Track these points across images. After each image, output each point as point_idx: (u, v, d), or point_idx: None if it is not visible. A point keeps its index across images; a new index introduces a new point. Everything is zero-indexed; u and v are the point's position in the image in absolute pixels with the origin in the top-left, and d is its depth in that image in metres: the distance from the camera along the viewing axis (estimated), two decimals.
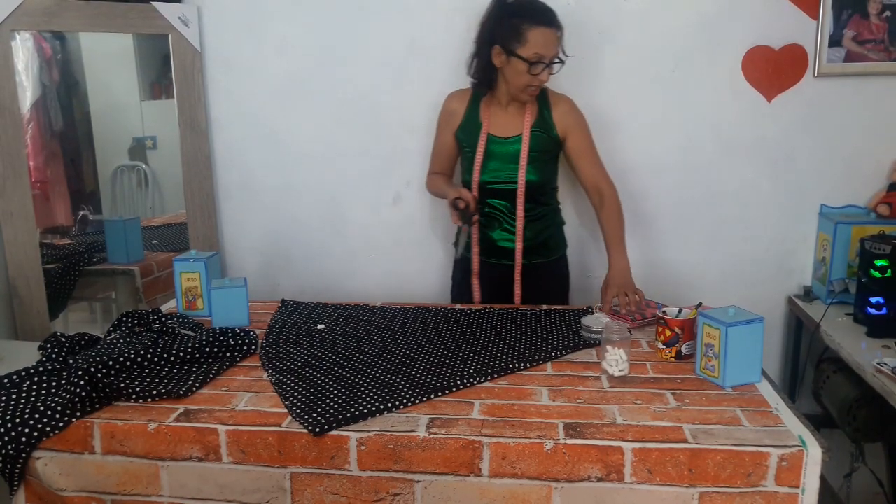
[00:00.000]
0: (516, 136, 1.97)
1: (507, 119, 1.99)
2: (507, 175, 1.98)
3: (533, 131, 1.97)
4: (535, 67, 1.85)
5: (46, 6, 2.12)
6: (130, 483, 1.37)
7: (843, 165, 2.22)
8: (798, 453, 1.23)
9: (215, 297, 1.83)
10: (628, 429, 1.30)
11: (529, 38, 1.84)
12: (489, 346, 1.70)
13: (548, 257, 2.07)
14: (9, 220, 2.15)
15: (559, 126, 1.99)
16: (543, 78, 1.88)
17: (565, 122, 1.99)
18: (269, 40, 2.30)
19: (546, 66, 1.86)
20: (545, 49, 1.85)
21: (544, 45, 1.84)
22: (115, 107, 2.51)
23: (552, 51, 1.86)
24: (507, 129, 1.99)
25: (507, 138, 1.98)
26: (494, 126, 2.00)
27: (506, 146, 1.98)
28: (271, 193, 2.42)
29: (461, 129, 2.04)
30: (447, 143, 2.09)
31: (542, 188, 2.02)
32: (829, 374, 2.00)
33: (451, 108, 2.07)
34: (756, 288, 2.31)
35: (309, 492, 1.33)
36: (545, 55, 1.85)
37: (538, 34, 1.84)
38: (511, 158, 1.97)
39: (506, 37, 1.86)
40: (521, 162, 1.96)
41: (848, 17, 2.11)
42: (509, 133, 1.99)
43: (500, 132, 1.99)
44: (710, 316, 1.49)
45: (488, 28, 1.91)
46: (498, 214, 2.03)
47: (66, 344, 1.66)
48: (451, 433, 1.30)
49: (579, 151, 2.01)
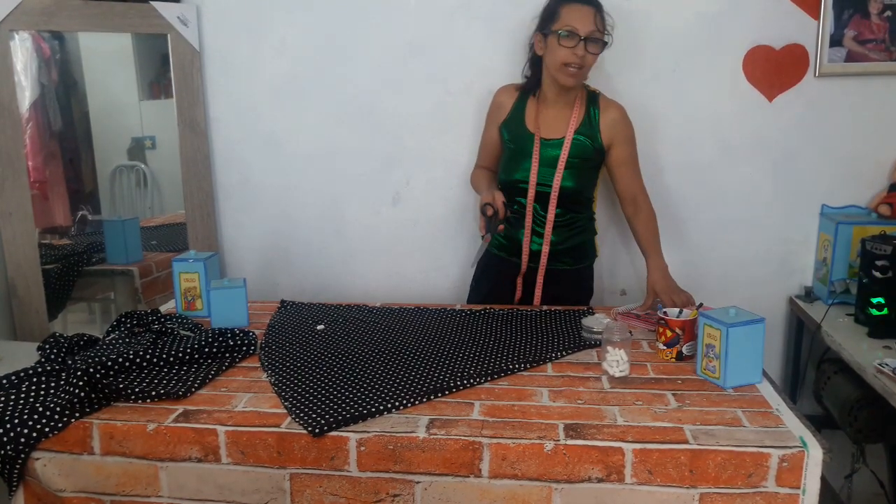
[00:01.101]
0: (559, 138, 1.95)
1: (552, 119, 1.96)
2: (542, 177, 1.95)
3: (576, 137, 1.94)
4: (568, 40, 1.82)
5: (45, 6, 2.12)
6: (129, 484, 1.37)
7: (844, 165, 2.21)
8: (799, 454, 1.23)
9: (214, 297, 1.83)
10: (629, 429, 1.29)
11: (562, 14, 1.84)
12: (489, 347, 1.69)
13: (572, 265, 2.04)
14: (7, 221, 2.15)
15: (605, 134, 1.95)
16: (579, 52, 1.82)
17: (613, 131, 1.95)
18: (268, 40, 2.30)
19: (580, 41, 1.82)
20: (578, 23, 1.82)
21: (578, 18, 1.82)
22: (113, 106, 2.51)
23: (587, 27, 1.82)
24: (552, 131, 1.96)
25: (549, 140, 1.96)
26: (541, 126, 1.97)
27: (547, 149, 1.95)
28: (270, 193, 2.41)
29: (505, 124, 2.03)
30: (493, 136, 2.07)
31: (577, 196, 1.98)
32: (830, 375, 1.99)
33: (499, 102, 2.06)
34: (757, 288, 2.31)
35: (308, 492, 1.33)
36: (578, 28, 1.82)
37: (571, 10, 1.83)
38: (549, 161, 1.95)
39: (544, 21, 1.88)
40: (558, 167, 1.93)
41: (849, 16, 2.11)
42: (552, 135, 1.96)
43: (545, 133, 1.97)
44: (710, 316, 1.49)
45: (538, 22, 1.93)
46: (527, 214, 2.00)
47: (65, 344, 1.65)
48: (451, 434, 1.29)
49: (621, 161, 1.97)
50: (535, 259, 2.01)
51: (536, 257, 2.01)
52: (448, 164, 2.30)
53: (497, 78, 2.13)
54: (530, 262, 2.01)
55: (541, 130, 1.97)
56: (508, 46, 2.19)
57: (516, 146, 1.99)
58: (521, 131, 1.99)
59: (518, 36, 2.19)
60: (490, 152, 2.10)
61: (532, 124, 1.97)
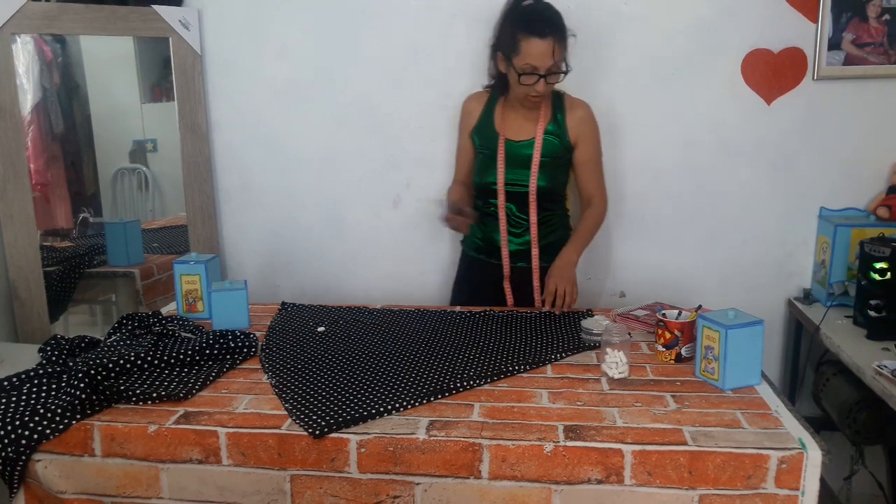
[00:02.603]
0: (529, 139, 1.97)
1: (521, 122, 1.99)
2: (516, 178, 1.98)
3: (546, 137, 1.96)
4: (528, 78, 1.84)
5: (47, 10, 2.13)
6: (130, 485, 1.37)
7: (843, 168, 2.22)
8: (798, 456, 1.23)
9: (215, 299, 1.83)
10: (628, 431, 1.30)
11: (522, 49, 1.82)
12: (489, 349, 1.70)
13: (549, 262, 2.05)
14: (9, 223, 2.16)
15: (572, 132, 1.98)
16: (539, 89, 1.85)
17: (579, 129, 1.98)
18: (269, 43, 2.31)
19: (540, 78, 1.84)
20: (537, 60, 1.82)
21: (536, 56, 1.81)
22: (115, 110, 2.51)
23: (546, 62, 1.82)
24: (521, 133, 1.98)
25: (519, 142, 1.98)
26: (508, 129, 1.99)
27: (517, 150, 1.98)
28: (271, 196, 2.42)
29: (475, 131, 2.04)
30: (466, 144, 2.09)
31: (551, 194, 2.01)
32: (829, 377, 2.00)
33: (468, 110, 2.07)
34: (756, 290, 2.31)
35: (309, 494, 1.33)
36: (538, 66, 1.82)
37: (531, 45, 1.81)
38: (521, 162, 1.97)
39: (505, 45, 1.87)
40: (532, 168, 1.95)
41: (847, 20, 2.12)
42: (522, 136, 1.98)
43: (514, 135, 1.99)
44: (709, 318, 1.49)
45: (496, 33, 1.92)
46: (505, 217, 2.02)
47: (66, 346, 1.66)
48: (451, 435, 1.30)
49: (585, 161, 2.01)
50: (512, 259, 2.03)
51: (514, 257, 2.03)
52: (448, 166, 2.30)
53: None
54: (511, 262, 2.03)
55: (509, 132, 1.99)
56: None
57: (489, 150, 2.00)
58: (491, 135, 2.01)
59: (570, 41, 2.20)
60: (466, 161, 2.11)
61: (500, 127, 2.00)
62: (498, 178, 1.98)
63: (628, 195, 2.30)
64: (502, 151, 1.97)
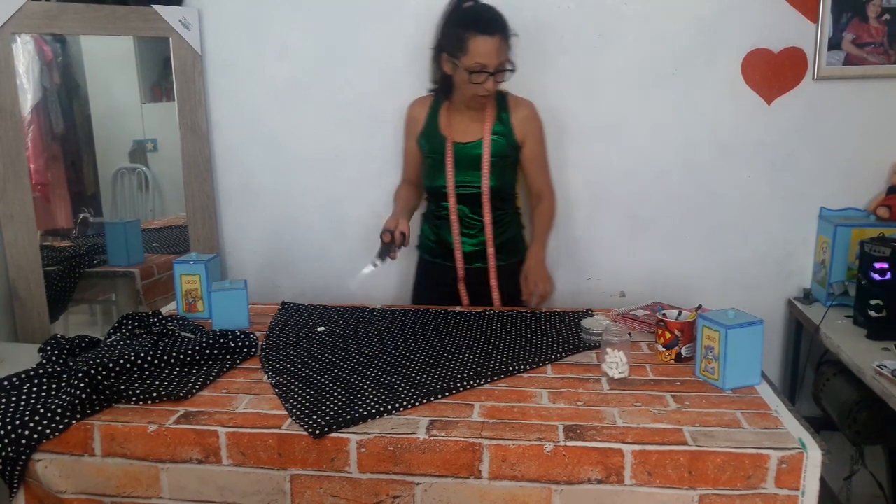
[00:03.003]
0: (476, 140, 1.99)
1: (467, 124, 2.00)
2: (466, 179, 1.99)
3: (493, 136, 1.98)
4: (477, 77, 1.85)
5: (47, 9, 2.13)
6: (130, 485, 1.37)
7: (843, 168, 2.22)
8: (798, 456, 1.23)
9: (215, 299, 1.83)
10: (628, 431, 1.30)
11: (470, 48, 1.82)
12: (489, 349, 1.70)
13: (505, 261, 2.07)
14: (9, 223, 2.16)
15: (518, 131, 2.00)
16: (489, 87, 1.86)
17: (524, 127, 2.01)
18: (269, 43, 2.31)
19: (489, 76, 1.85)
20: (486, 58, 1.82)
21: (485, 54, 1.82)
22: (115, 109, 2.51)
23: (494, 60, 1.83)
24: (467, 135, 2.00)
25: (467, 143, 1.99)
26: (455, 132, 2.00)
27: (466, 151, 1.99)
28: (271, 196, 2.42)
29: (422, 136, 2.05)
30: (412, 148, 2.10)
31: (501, 193, 2.03)
32: (829, 377, 2.00)
33: (412, 115, 2.08)
34: (756, 290, 2.31)
35: (309, 494, 1.33)
36: (487, 64, 1.83)
37: (479, 43, 1.81)
38: (470, 164, 1.98)
39: (451, 45, 1.87)
40: (483, 169, 1.97)
41: (847, 20, 2.12)
42: (469, 138, 1.99)
43: (461, 137, 2.00)
44: (709, 318, 1.49)
45: (439, 35, 1.92)
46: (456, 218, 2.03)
47: (66, 346, 1.66)
48: (451, 435, 1.30)
49: (532, 157, 2.04)
50: (468, 260, 2.04)
51: (469, 258, 2.04)
52: None
53: None
54: (466, 264, 2.04)
55: (456, 135, 2.00)
56: None
57: (437, 154, 2.01)
58: (438, 139, 2.01)
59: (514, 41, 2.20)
60: (412, 164, 2.13)
61: (446, 130, 2.00)
62: (448, 181, 1.99)
63: (628, 195, 2.30)
64: (450, 155, 1.98)
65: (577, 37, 2.20)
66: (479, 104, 1.95)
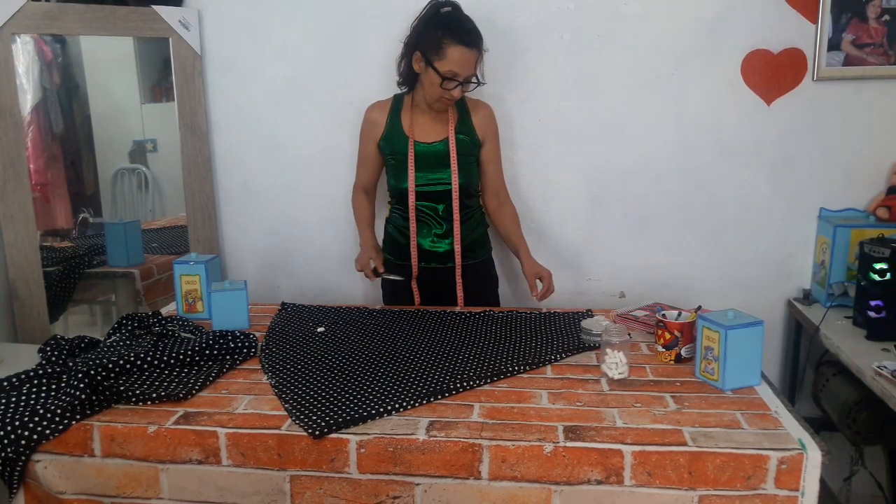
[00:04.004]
0: (440, 140, 2.00)
1: (430, 124, 2.02)
2: (433, 178, 2.00)
3: (457, 136, 2.00)
4: (448, 83, 1.88)
5: (47, 10, 2.13)
6: (130, 486, 1.37)
7: (843, 169, 2.22)
8: (798, 456, 1.23)
9: (215, 299, 1.83)
10: (628, 432, 1.30)
11: (448, 54, 1.85)
12: (489, 349, 1.70)
13: (475, 259, 2.10)
14: (9, 223, 2.15)
15: (479, 130, 2.04)
16: (455, 94, 1.90)
17: (485, 127, 2.05)
18: (269, 44, 2.31)
19: (459, 84, 1.89)
20: (461, 68, 1.86)
21: (461, 63, 1.86)
22: (115, 110, 2.51)
23: (468, 70, 1.88)
24: (431, 134, 2.01)
25: (431, 143, 2.00)
26: (418, 132, 2.01)
27: (429, 150, 2.00)
28: (271, 196, 2.42)
29: (384, 139, 2.05)
30: (370, 153, 2.10)
31: (467, 191, 2.05)
32: (829, 377, 2.00)
33: (371, 119, 2.08)
34: (755, 291, 2.31)
35: (309, 494, 1.33)
36: (459, 74, 1.87)
37: (457, 52, 1.85)
38: (436, 162, 2.00)
39: (427, 46, 1.88)
40: (451, 166, 1.99)
41: (847, 20, 2.12)
42: (433, 138, 2.01)
43: (424, 137, 2.01)
44: (709, 319, 1.49)
45: (416, 33, 1.93)
46: (426, 218, 2.04)
47: (66, 346, 1.66)
48: (451, 436, 1.30)
49: (490, 157, 2.08)
50: (437, 259, 2.06)
51: (435, 258, 2.05)
52: None
53: (494, 81, 2.14)
54: (432, 262, 2.06)
55: (419, 135, 2.01)
56: (506, 50, 2.20)
57: (400, 155, 2.02)
58: (401, 140, 2.02)
59: (514, 41, 2.20)
60: (369, 168, 2.13)
61: (409, 131, 2.01)
62: (409, 181, 1.99)
63: (628, 195, 2.30)
64: (412, 154, 1.99)
65: (577, 37, 2.20)
66: (441, 107, 1.98)
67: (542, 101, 2.23)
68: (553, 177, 2.29)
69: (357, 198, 2.15)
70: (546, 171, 2.29)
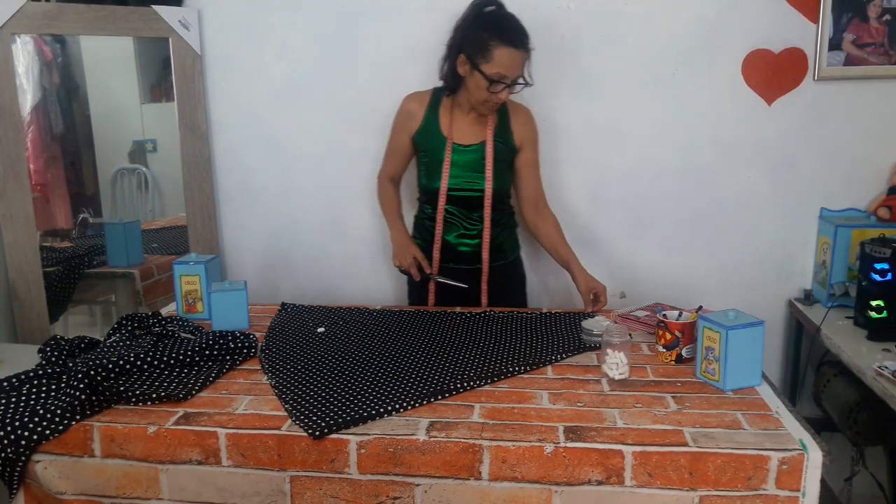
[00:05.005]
0: (477, 144, 1.97)
1: (468, 126, 1.98)
2: (465, 182, 1.98)
3: (494, 140, 1.97)
4: (495, 86, 1.83)
5: (47, 10, 2.13)
6: (130, 486, 1.37)
7: (844, 169, 2.22)
8: (799, 457, 1.23)
9: (215, 300, 1.83)
10: (628, 432, 1.29)
11: (495, 56, 1.80)
12: (489, 350, 1.69)
13: (503, 259, 2.08)
14: (9, 223, 2.15)
15: (517, 136, 2.00)
16: (503, 97, 1.85)
17: (523, 133, 2.01)
18: (269, 43, 2.31)
19: (506, 87, 1.84)
20: (508, 70, 1.81)
21: (509, 65, 1.80)
22: (115, 110, 2.51)
23: (515, 72, 1.83)
24: (468, 137, 1.98)
25: (468, 146, 1.97)
26: (456, 133, 1.98)
27: (466, 154, 1.98)
28: (271, 196, 2.42)
29: (419, 134, 2.01)
30: (403, 145, 2.05)
31: (501, 195, 2.03)
32: (830, 378, 1.99)
33: (409, 110, 2.02)
34: (756, 291, 2.31)
35: (309, 495, 1.33)
36: (507, 76, 1.82)
37: (504, 54, 1.79)
38: (471, 166, 1.97)
39: (473, 48, 1.83)
40: (486, 173, 1.96)
41: (848, 20, 2.11)
42: (470, 141, 1.98)
43: (461, 139, 1.98)
44: (710, 319, 1.49)
45: (460, 34, 1.88)
46: (455, 220, 2.03)
47: (65, 347, 1.66)
48: (451, 436, 1.30)
49: (528, 163, 2.03)
50: (463, 260, 2.04)
51: (461, 258, 2.04)
52: None
53: None
54: (460, 262, 2.04)
55: (457, 136, 1.98)
56: None
57: (434, 155, 1.99)
58: (437, 140, 1.99)
59: None
60: (399, 159, 2.09)
61: (447, 131, 1.98)
62: (442, 183, 1.97)
63: (628, 195, 2.30)
64: (449, 156, 1.97)
65: (577, 37, 2.20)
66: (487, 111, 1.93)
67: (542, 101, 2.22)
68: (553, 177, 2.29)
69: (384, 186, 2.11)
70: (546, 171, 2.29)
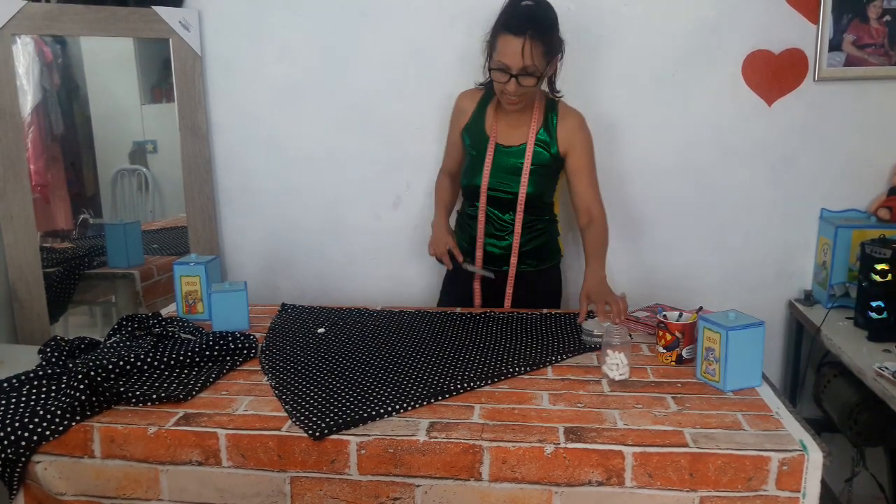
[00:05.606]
0: (518, 146, 1.95)
1: (512, 127, 1.96)
2: (499, 183, 1.97)
3: (535, 147, 1.94)
4: (499, 75, 1.79)
5: (47, 11, 2.13)
6: (130, 487, 1.37)
7: (844, 169, 2.22)
8: (799, 457, 1.23)
9: (215, 300, 1.83)
10: (629, 433, 1.29)
11: (498, 44, 1.77)
12: (489, 350, 1.69)
13: (536, 266, 2.05)
14: (9, 224, 2.15)
15: (562, 142, 1.94)
16: (510, 89, 1.79)
17: (569, 139, 1.94)
18: (269, 44, 2.31)
19: (511, 78, 1.77)
20: (509, 58, 1.75)
21: (509, 53, 1.74)
22: (115, 111, 2.51)
23: (517, 61, 1.74)
24: (511, 138, 1.96)
25: (509, 147, 1.96)
26: (500, 133, 1.97)
27: (506, 156, 1.96)
28: (271, 197, 2.42)
29: (466, 129, 2.03)
30: (456, 140, 2.09)
31: (536, 201, 1.99)
32: (830, 378, 1.99)
33: (461, 107, 2.05)
34: (756, 292, 2.31)
35: (309, 496, 1.33)
36: (508, 65, 1.76)
37: (503, 41, 1.76)
38: (508, 168, 1.96)
39: (490, 42, 1.84)
40: (522, 178, 1.94)
41: (848, 21, 2.12)
42: (512, 142, 1.96)
43: (504, 140, 1.97)
44: (710, 320, 1.49)
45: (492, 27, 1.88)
46: (488, 220, 2.02)
47: (65, 348, 1.66)
48: (452, 437, 1.29)
49: (577, 170, 1.95)
50: (491, 262, 2.03)
51: (494, 260, 2.02)
52: None
53: None
54: (494, 266, 2.03)
55: (500, 136, 1.97)
56: None
57: (477, 153, 1.99)
58: (481, 137, 1.99)
59: None
60: (454, 154, 2.12)
61: (490, 130, 1.98)
62: (483, 181, 1.97)
63: (628, 196, 2.30)
64: (490, 155, 1.96)
65: (577, 37, 2.20)
66: (509, 107, 1.89)
67: None
68: None
69: (441, 180, 2.13)
70: None
